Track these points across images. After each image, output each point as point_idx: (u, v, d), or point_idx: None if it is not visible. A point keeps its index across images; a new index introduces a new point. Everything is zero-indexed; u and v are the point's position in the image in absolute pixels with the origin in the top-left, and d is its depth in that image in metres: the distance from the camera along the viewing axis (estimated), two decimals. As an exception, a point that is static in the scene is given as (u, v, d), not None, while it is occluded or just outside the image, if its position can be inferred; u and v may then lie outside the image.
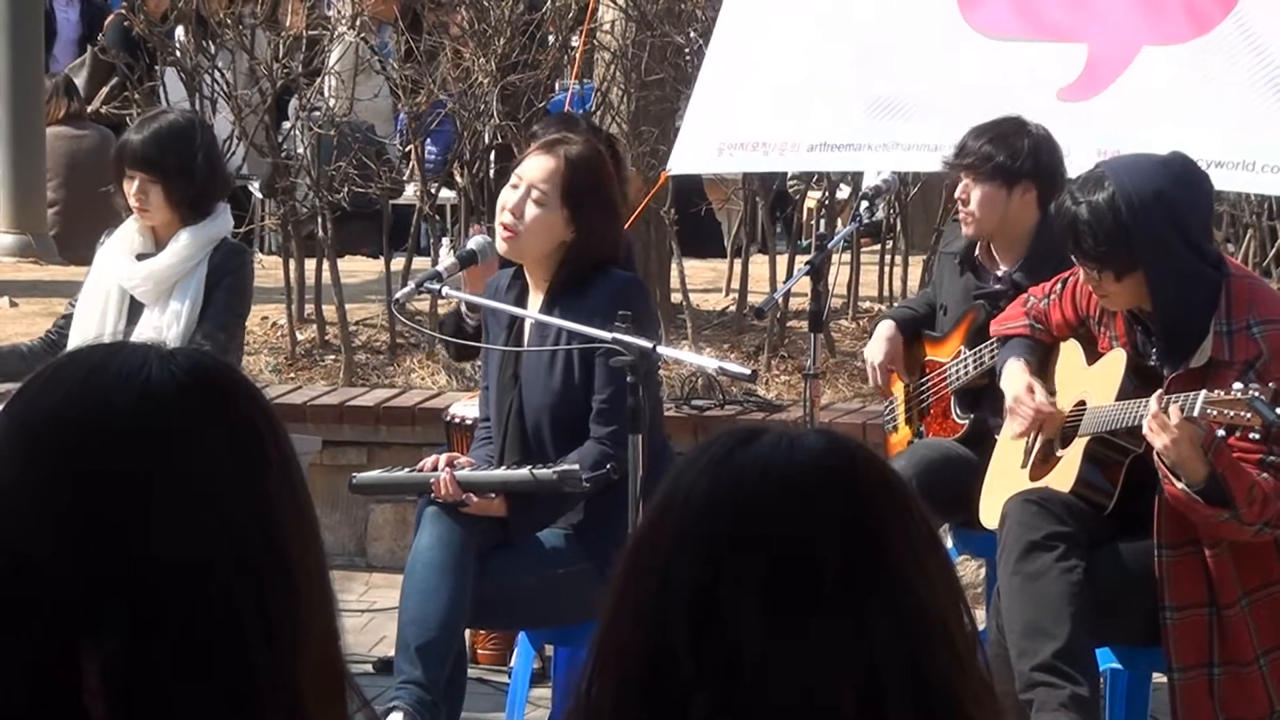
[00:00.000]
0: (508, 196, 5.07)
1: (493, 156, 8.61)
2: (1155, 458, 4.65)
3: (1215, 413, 4.50)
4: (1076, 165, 6.31)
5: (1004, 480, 5.15)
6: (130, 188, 5.63)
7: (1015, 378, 5.18)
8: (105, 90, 11.54)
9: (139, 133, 5.70)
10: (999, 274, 5.75)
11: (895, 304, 8.40)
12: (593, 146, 5.25)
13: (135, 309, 5.72)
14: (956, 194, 5.77)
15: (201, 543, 1.50)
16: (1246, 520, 4.60)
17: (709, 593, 1.59)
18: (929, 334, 5.96)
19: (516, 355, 5.09)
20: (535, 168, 5.04)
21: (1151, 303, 4.77)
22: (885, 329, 5.99)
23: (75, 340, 5.70)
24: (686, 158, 7.35)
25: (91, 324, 5.69)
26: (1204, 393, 4.53)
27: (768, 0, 7.27)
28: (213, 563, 1.50)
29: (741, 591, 1.59)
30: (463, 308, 5.64)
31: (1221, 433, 4.54)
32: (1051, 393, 5.19)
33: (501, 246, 5.09)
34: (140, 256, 5.70)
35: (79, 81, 11.87)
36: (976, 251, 5.80)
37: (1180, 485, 4.61)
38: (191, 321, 5.59)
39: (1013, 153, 5.62)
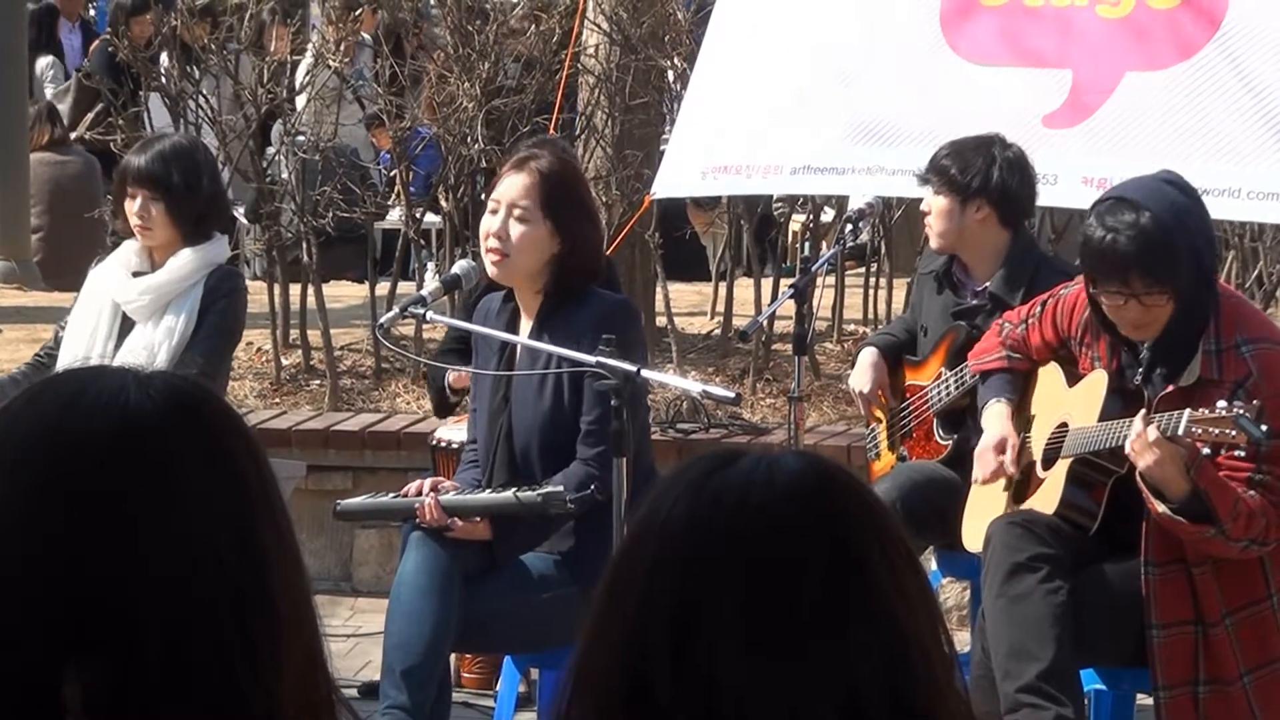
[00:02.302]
0: (489, 222, 5.09)
1: (480, 181, 8.62)
2: (1138, 478, 4.65)
3: (1200, 431, 4.50)
4: (1062, 193, 6.33)
5: (986, 504, 5.15)
6: (132, 206, 5.63)
7: (994, 425, 5.17)
8: (90, 116, 11.56)
9: (142, 153, 5.71)
10: (976, 289, 5.77)
11: (879, 327, 8.42)
12: (563, 159, 5.29)
13: (126, 328, 5.72)
14: (921, 206, 5.85)
15: (182, 564, 1.50)
16: (1233, 536, 4.61)
17: (688, 615, 1.60)
18: (909, 358, 5.98)
19: (508, 378, 5.11)
20: (511, 186, 5.06)
21: (1168, 324, 4.73)
22: (868, 356, 6.00)
23: (65, 360, 5.71)
24: (671, 182, 7.37)
25: (81, 343, 5.69)
26: (1188, 412, 4.53)
27: (753, 25, 7.30)
28: (194, 584, 1.50)
29: (720, 614, 1.59)
30: (447, 385, 5.70)
31: (1206, 451, 4.55)
32: (1031, 418, 5.20)
33: (492, 271, 5.10)
34: (137, 275, 5.71)
35: (63, 108, 11.89)
36: (952, 268, 5.83)
37: (1162, 508, 4.62)
38: (184, 340, 5.59)
39: (964, 167, 5.66)
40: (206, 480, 1.53)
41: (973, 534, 5.11)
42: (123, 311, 5.70)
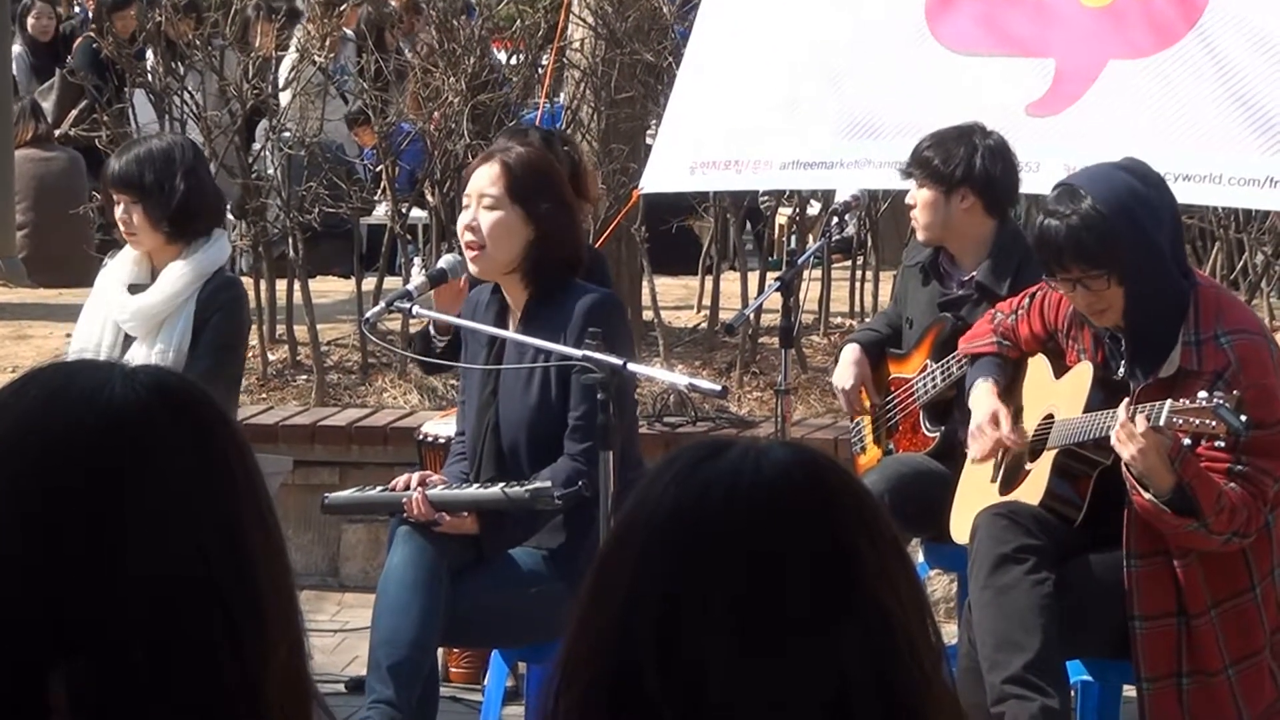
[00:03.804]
0: (463, 217, 5.11)
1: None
2: (1123, 468, 4.66)
3: (1181, 421, 4.51)
4: (1045, 180, 6.33)
5: (973, 496, 5.16)
6: (118, 213, 5.59)
7: (982, 402, 5.18)
8: (74, 113, 11.54)
9: (120, 157, 5.65)
10: (962, 279, 5.78)
11: (865, 320, 8.43)
12: (533, 147, 5.29)
13: (129, 340, 5.66)
14: (906, 199, 5.85)
15: (168, 560, 1.50)
16: (1215, 530, 4.62)
17: (675, 608, 1.59)
18: (892, 352, 5.98)
19: (496, 372, 5.11)
20: (479, 178, 5.09)
21: (1126, 310, 4.77)
22: (851, 353, 6.00)
23: None
24: (659, 176, 7.37)
25: (87, 351, 5.64)
26: (1169, 402, 4.54)
27: (739, 21, 7.30)
28: (180, 580, 1.49)
29: (707, 607, 1.59)
30: (431, 329, 5.64)
31: (1188, 442, 4.55)
32: (1019, 408, 5.20)
33: (472, 268, 5.11)
34: (133, 288, 5.64)
35: (47, 105, 11.87)
36: (938, 259, 5.83)
37: (1147, 496, 4.62)
38: (179, 361, 5.50)
39: (947, 158, 5.67)
40: (192, 475, 1.52)
41: (961, 526, 5.12)
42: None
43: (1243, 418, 4.43)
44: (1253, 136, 6.13)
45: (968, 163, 5.66)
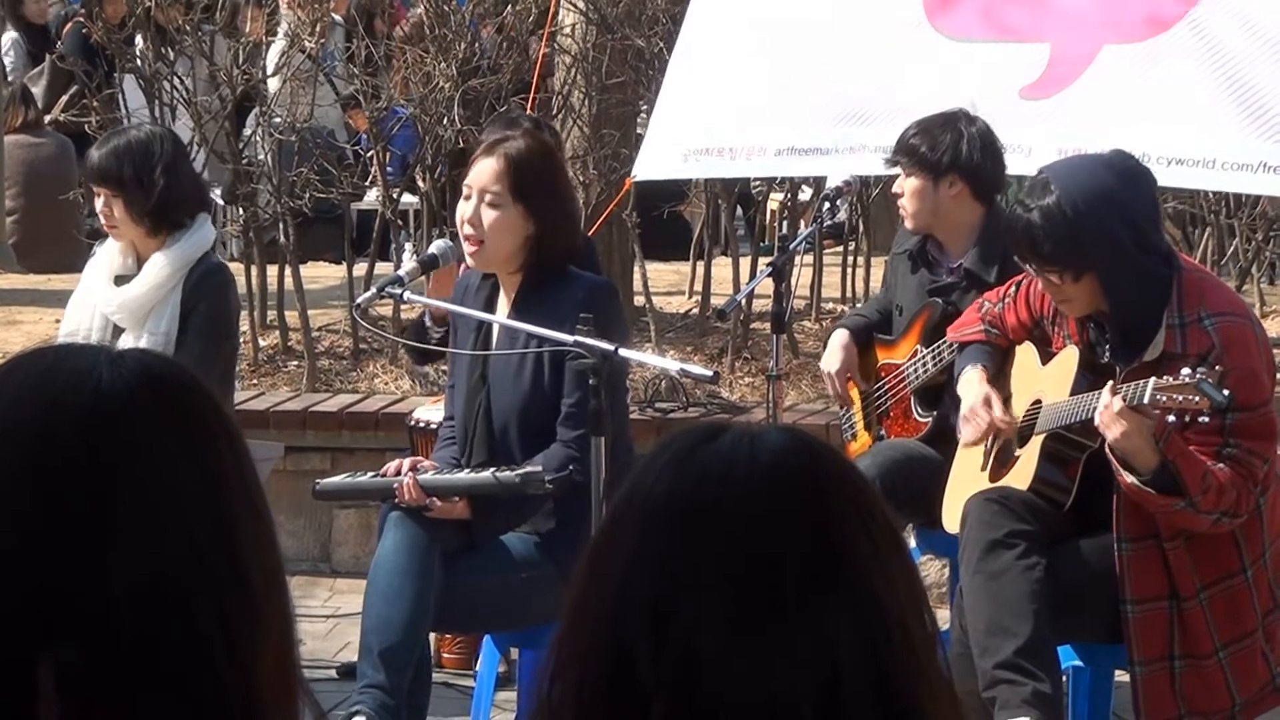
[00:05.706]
0: (463, 208, 5.10)
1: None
2: (1107, 449, 4.67)
3: (1164, 398, 4.53)
4: (1037, 163, 6.34)
5: (965, 486, 5.16)
6: (99, 205, 5.60)
7: (972, 387, 5.20)
8: (64, 98, 11.52)
9: (99, 149, 5.64)
10: (951, 266, 5.78)
11: (856, 306, 8.43)
12: (535, 139, 5.29)
13: (119, 330, 5.65)
14: (893, 188, 5.85)
15: (157, 546, 1.49)
16: (1203, 509, 4.63)
17: (668, 592, 1.59)
18: (881, 338, 5.98)
19: (485, 356, 5.10)
20: (482, 172, 5.08)
21: (1106, 301, 4.79)
22: (840, 338, 6.01)
23: None
24: (652, 163, 7.36)
25: (76, 340, 5.63)
26: (1153, 379, 4.56)
27: (732, 7, 7.29)
28: (169, 567, 1.49)
29: (701, 591, 1.58)
30: (427, 319, 5.65)
31: (1172, 419, 4.56)
32: (1008, 396, 5.21)
33: (471, 261, 5.12)
34: (119, 279, 5.63)
35: (38, 90, 11.84)
36: (926, 246, 5.83)
37: (1130, 479, 4.63)
38: (169, 349, 5.47)
39: (934, 145, 5.66)
40: (181, 462, 1.51)
41: (952, 516, 5.12)
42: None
43: (1225, 391, 4.45)
44: (1246, 122, 6.13)
45: (954, 149, 5.66)
